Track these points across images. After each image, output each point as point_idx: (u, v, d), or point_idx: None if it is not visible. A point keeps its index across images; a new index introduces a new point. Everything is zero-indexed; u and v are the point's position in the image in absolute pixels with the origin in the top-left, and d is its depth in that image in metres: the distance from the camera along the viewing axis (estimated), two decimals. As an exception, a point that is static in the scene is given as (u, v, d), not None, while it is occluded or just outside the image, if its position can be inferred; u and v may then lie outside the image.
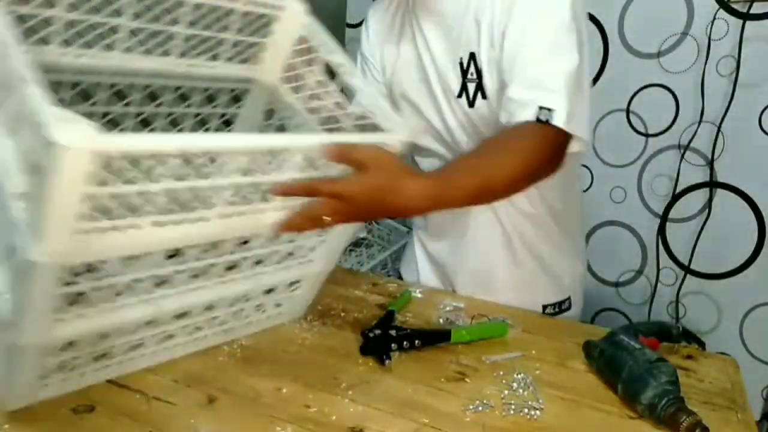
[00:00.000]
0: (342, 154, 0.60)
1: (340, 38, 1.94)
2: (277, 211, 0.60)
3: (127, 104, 0.80)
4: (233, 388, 0.66)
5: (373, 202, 0.62)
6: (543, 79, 0.75)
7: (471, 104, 0.86)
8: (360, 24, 1.92)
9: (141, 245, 0.53)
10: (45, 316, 0.52)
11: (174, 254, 0.58)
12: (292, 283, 0.76)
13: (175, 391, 0.64)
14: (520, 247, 0.96)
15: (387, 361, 0.72)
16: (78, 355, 0.60)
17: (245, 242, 0.64)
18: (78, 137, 0.41)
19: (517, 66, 0.77)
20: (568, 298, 1.01)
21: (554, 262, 0.99)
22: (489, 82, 0.83)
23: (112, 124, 0.79)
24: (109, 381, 0.65)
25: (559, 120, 0.73)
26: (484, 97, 0.84)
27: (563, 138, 0.75)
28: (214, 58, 0.82)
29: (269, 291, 0.73)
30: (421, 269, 1.07)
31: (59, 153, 0.40)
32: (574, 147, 0.77)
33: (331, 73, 0.79)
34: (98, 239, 0.49)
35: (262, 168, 0.56)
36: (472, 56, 0.83)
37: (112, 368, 0.65)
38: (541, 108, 0.74)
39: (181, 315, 0.65)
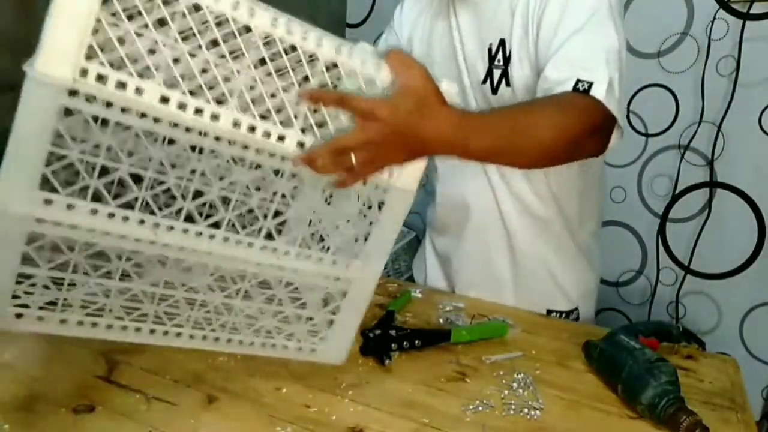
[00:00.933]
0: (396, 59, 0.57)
1: (340, 38, 1.94)
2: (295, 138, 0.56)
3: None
4: (233, 388, 0.66)
5: (405, 126, 0.56)
6: (583, 54, 0.74)
7: (494, 91, 0.85)
8: (360, 24, 1.93)
9: (142, 108, 0.49)
10: (35, 164, 0.48)
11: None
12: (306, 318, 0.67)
13: (176, 391, 0.64)
14: (523, 249, 0.95)
15: (387, 361, 0.72)
16: (62, 283, 0.55)
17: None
18: None
19: (553, 47, 0.76)
20: (576, 309, 0.98)
21: (561, 273, 0.96)
22: (516, 70, 0.82)
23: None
24: (109, 381, 0.65)
25: (599, 91, 0.70)
26: (508, 84, 0.84)
27: (604, 115, 0.71)
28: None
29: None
30: (429, 266, 1.08)
31: None
32: (614, 138, 0.74)
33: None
34: (100, 85, 0.47)
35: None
36: (502, 42, 0.83)
37: (99, 328, 0.58)
38: (579, 81, 0.72)
39: (191, 301, 0.61)
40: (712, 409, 0.67)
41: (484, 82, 0.86)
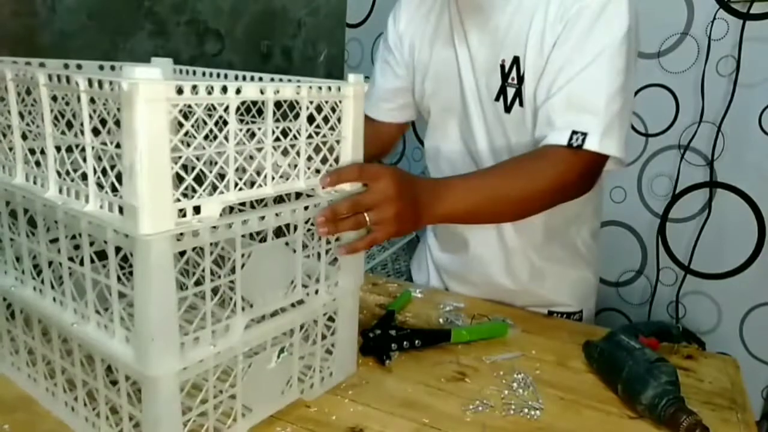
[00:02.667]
0: (356, 172, 0.62)
1: (340, 38, 1.94)
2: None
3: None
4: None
5: (403, 184, 0.64)
6: (583, 99, 0.74)
7: (508, 110, 0.83)
8: (360, 24, 1.93)
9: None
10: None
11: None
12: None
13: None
14: (519, 259, 0.94)
15: (387, 361, 0.72)
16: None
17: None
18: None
19: (560, 79, 0.76)
20: (580, 311, 0.98)
21: (562, 277, 0.96)
22: (529, 91, 0.80)
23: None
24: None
25: (591, 144, 0.73)
26: (521, 104, 0.82)
27: (597, 158, 0.75)
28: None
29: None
30: (431, 276, 1.08)
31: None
32: (610, 165, 0.77)
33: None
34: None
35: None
36: (516, 60, 0.81)
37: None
38: (574, 132, 0.73)
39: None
40: (712, 409, 0.67)
41: (497, 99, 0.84)
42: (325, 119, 0.60)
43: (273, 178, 0.55)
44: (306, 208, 0.58)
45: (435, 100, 0.94)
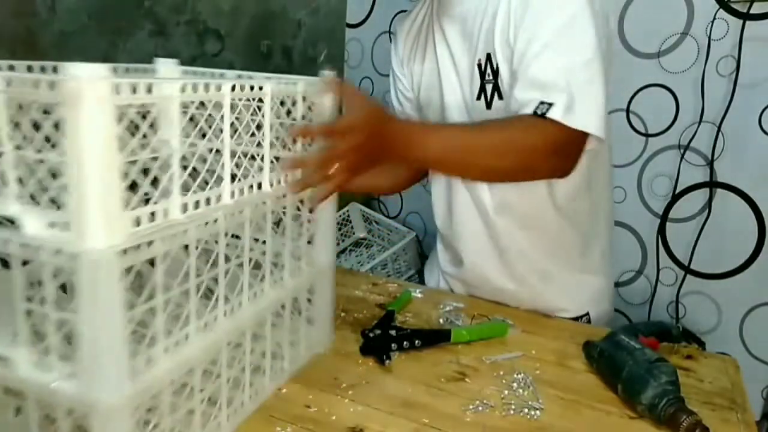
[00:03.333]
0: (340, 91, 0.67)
1: (340, 38, 1.94)
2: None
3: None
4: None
5: (373, 128, 0.66)
6: (546, 77, 0.75)
7: (489, 106, 0.85)
8: (360, 24, 1.93)
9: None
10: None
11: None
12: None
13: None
14: (519, 263, 0.93)
15: (387, 361, 0.72)
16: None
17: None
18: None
19: (523, 64, 0.77)
20: (586, 314, 0.96)
21: (565, 280, 0.94)
22: (506, 82, 0.82)
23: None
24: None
25: (555, 113, 0.72)
26: (500, 97, 0.84)
27: (568, 132, 0.73)
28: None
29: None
30: (441, 283, 1.08)
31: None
32: (590, 144, 0.76)
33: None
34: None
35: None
36: (489, 57, 0.83)
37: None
38: (541, 103, 0.73)
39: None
40: (712, 409, 0.67)
41: (478, 98, 0.86)
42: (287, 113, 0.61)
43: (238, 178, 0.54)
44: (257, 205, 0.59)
45: (430, 110, 0.96)
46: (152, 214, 0.45)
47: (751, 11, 1.35)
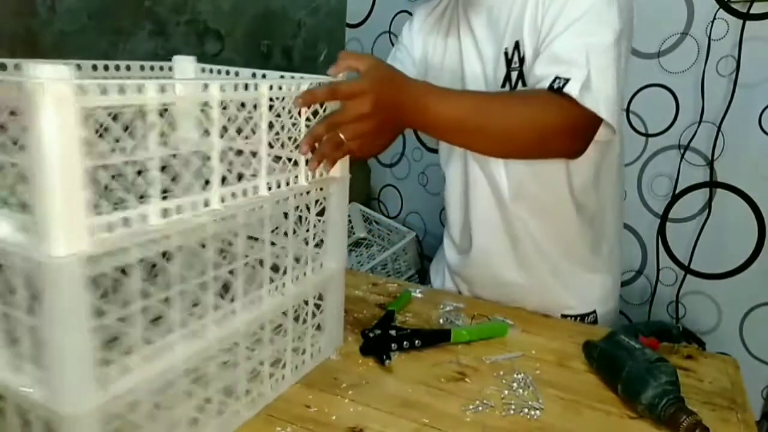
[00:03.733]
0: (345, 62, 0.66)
1: (340, 38, 1.94)
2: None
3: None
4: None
5: (383, 93, 0.66)
6: (565, 53, 0.75)
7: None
8: (360, 24, 1.93)
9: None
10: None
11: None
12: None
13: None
14: (530, 254, 0.93)
15: (387, 361, 0.72)
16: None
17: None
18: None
19: (545, 42, 0.78)
20: (593, 312, 0.96)
21: (574, 276, 0.95)
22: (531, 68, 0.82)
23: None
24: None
25: (572, 88, 0.71)
26: (524, 84, 0.83)
27: (582, 114, 0.73)
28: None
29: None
30: (446, 280, 1.08)
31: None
32: (601, 134, 0.76)
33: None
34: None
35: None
36: (517, 45, 0.83)
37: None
38: (557, 78, 0.73)
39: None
40: (712, 409, 0.67)
41: (503, 85, 0.86)
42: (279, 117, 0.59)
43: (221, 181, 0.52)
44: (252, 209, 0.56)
45: None
46: (125, 219, 0.42)
47: (751, 11, 1.35)
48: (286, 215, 0.62)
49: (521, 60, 0.83)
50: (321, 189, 0.67)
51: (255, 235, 0.58)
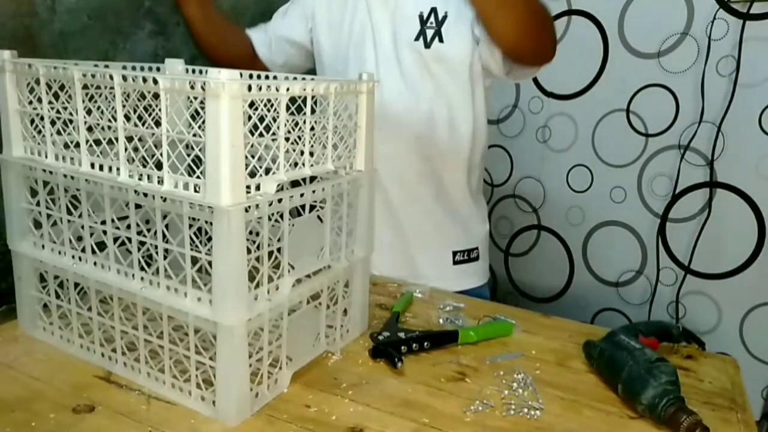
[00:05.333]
0: None
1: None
2: None
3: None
4: (233, 388, 0.66)
5: None
6: None
7: (427, 46, 0.99)
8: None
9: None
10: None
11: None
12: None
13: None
14: (430, 193, 1.06)
15: (399, 364, 0.71)
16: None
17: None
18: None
19: None
20: (476, 248, 1.12)
21: (465, 211, 1.10)
22: (451, 28, 0.97)
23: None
24: (108, 381, 0.66)
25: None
26: (441, 41, 0.98)
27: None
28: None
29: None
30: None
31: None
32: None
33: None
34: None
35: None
36: (433, 9, 0.98)
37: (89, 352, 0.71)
38: None
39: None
40: (712, 409, 0.67)
41: (417, 39, 0.99)
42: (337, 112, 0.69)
43: (311, 163, 0.65)
44: (332, 186, 0.69)
45: (364, 50, 1.05)
46: (258, 186, 0.58)
47: (751, 11, 1.35)
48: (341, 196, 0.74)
49: (439, 21, 0.97)
50: (351, 182, 0.75)
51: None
